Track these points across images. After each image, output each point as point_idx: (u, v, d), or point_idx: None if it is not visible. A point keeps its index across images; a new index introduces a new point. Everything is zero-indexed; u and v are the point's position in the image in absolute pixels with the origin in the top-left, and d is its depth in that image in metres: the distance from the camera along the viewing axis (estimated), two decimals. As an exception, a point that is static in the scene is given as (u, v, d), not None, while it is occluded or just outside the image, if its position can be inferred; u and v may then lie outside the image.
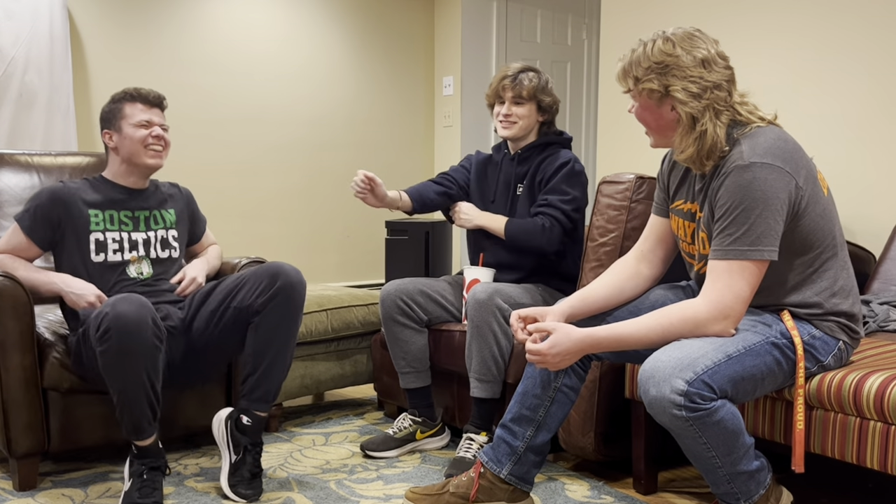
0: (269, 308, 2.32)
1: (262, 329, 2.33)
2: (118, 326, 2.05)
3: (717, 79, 1.81)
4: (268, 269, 2.37)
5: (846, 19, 3.16)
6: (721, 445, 1.75)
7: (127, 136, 2.47)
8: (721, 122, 1.82)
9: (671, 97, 1.82)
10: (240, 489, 2.27)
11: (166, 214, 2.60)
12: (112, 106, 2.51)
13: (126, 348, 2.06)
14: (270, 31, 4.84)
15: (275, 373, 2.35)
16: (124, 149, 2.48)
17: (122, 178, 2.54)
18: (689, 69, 1.80)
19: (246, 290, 2.36)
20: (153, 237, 2.53)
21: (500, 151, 2.84)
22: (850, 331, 1.93)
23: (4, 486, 2.37)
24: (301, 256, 5.03)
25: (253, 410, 2.33)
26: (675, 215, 2.03)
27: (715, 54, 1.83)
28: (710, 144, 1.82)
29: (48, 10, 4.00)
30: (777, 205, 1.77)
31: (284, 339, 2.35)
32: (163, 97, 2.56)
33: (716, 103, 1.81)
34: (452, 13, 5.32)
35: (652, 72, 1.82)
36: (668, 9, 3.87)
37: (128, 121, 2.47)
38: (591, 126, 5.72)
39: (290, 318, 2.35)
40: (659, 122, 1.89)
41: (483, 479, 2.10)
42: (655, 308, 1.98)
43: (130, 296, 2.14)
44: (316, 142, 5.06)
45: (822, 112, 3.24)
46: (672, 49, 1.81)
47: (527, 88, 2.67)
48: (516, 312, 2.00)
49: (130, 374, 2.08)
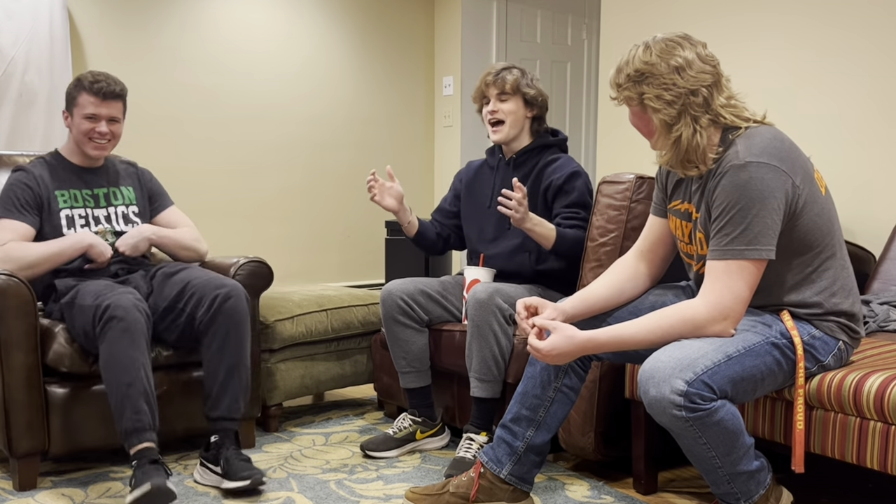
0: (213, 329, 2.40)
1: (211, 350, 2.41)
2: (118, 314, 2.20)
3: (691, 85, 1.82)
4: (211, 284, 2.44)
5: (846, 20, 3.17)
6: (721, 446, 1.75)
7: (75, 124, 2.61)
8: (700, 127, 1.83)
9: (645, 105, 1.85)
10: (241, 474, 2.26)
11: (125, 191, 2.74)
12: (71, 90, 2.61)
13: (129, 334, 2.19)
14: (270, 31, 4.84)
15: (230, 387, 2.39)
16: (73, 133, 2.64)
17: (75, 156, 2.68)
18: (664, 77, 1.82)
19: (193, 303, 2.43)
20: (113, 213, 2.65)
21: (495, 156, 2.83)
22: (851, 331, 1.93)
23: (4, 485, 2.37)
24: (301, 256, 5.03)
25: (218, 428, 2.38)
26: (673, 215, 2.04)
27: (694, 58, 1.83)
28: (687, 149, 1.84)
29: (48, 10, 4.00)
30: (774, 204, 1.77)
31: (235, 351, 2.40)
32: (118, 90, 2.61)
33: (691, 108, 1.83)
34: (452, 13, 5.32)
35: (630, 80, 1.86)
36: (667, 9, 3.87)
37: (79, 110, 2.59)
38: (591, 126, 5.72)
39: (235, 336, 2.40)
40: (648, 128, 1.91)
41: (483, 479, 2.10)
42: (655, 308, 1.98)
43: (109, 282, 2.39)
44: (316, 142, 5.06)
45: (821, 112, 3.24)
46: (649, 58, 1.84)
47: (510, 82, 2.66)
48: (521, 301, 2.01)
49: (132, 361, 2.18)
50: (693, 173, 1.89)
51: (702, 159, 1.85)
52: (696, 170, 1.87)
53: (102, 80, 2.58)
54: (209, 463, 2.39)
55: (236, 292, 2.42)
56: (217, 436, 2.38)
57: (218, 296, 2.40)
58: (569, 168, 2.65)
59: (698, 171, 1.87)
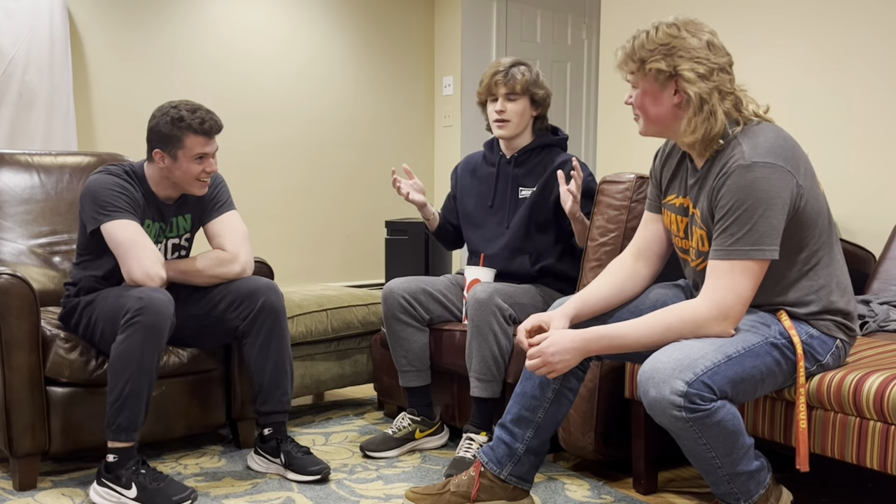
0: (255, 329, 2.43)
1: (255, 349, 2.45)
2: (150, 312, 2.18)
3: (721, 62, 1.82)
4: (244, 288, 2.44)
5: (851, 17, 3.16)
6: (721, 446, 1.75)
7: (181, 167, 2.38)
8: (725, 107, 1.82)
9: (679, 77, 1.81)
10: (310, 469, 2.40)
11: (182, 221, 2.55)
12: (172, 130, 2.34)
13: (151, 334, 2.18)
14: (270, 32, 4.84)
15: (280, 382, 2.47)
16: (174, 175, 2.40)
17: (161, 189, 2.46)
18: (696, 50, 1.81)
19: (224, 307, 2.43)
20: (163, 247, 2.53)
21: (495, 152, 2.81)
22: (847, 329, 1.93)
23: (4, 485, 2.37)
24: (301, 256, 5.04)
25: (271, 422, 2.48)
26: (668, 210, 2.03)
27: (717, 40, 1.85)
28: (718, 127, 1.81)
29: (48, 10, 4.00)
30: (779, 204, 1.77)
31: (278, 350, 2.46)
32: (220, 121, 2.41)
33: (722, 86, 1.82)
34: (452, 13, 5.32)
35: (658, 53, 1.82)
36: (667, 9, 3.87)
37: (186, 153, 2.36)
38: (591, 126, 5.72)
39: (277, 332, 2.46)
40: (658, 109, 1.87)
41: (483, 479, 2.10)
42: (656, 308, 1.98)
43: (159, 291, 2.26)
44: (316, 142, 5.06)
45: (823, 111, 3.24)
46: (677, 32, 1.82)
47: (520, 83, 2.65)
48: (522, 327, 2.00)
49: (148, 360, 2.19)
50: (705, 156, 1.87)
51: (717, 142, 1.84)
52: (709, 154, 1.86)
53: (205, 115, 2.36)
54: (266, 454, 2.49)
55: (272, 289, 2.45)
56: (270, 429, 2.47)
57: (255, 295, 2.42)
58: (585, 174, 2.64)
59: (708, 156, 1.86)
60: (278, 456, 2.45)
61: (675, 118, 1.87)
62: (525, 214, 2.68)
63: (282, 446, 2.45)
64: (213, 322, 2.47)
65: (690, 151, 1.92)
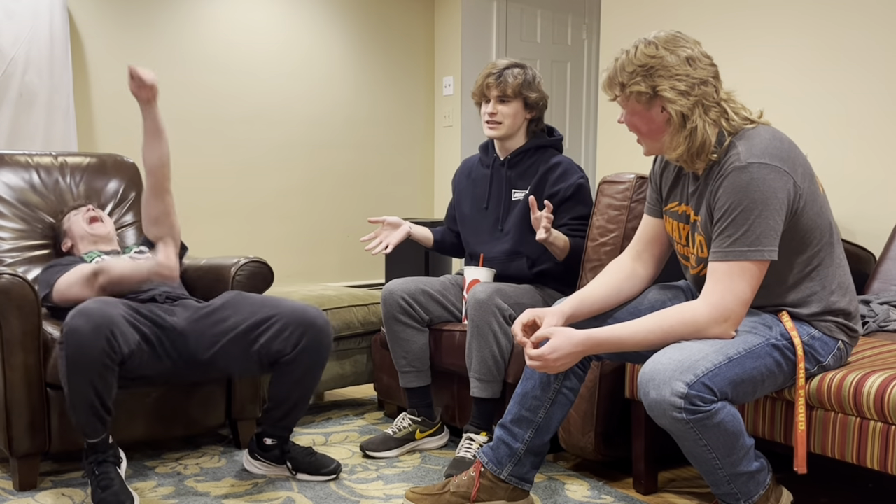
0: (300, 358, 2.36)
1: (291, 374, 2.38)
2: (70, 341, 2.08)
3: (703, 75, 1.82)
4: (296, 316, 2.35)
5: (849, 18, 3.17)
6: (721, 447, 1.75)
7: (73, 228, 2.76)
8: (710, 119, 1.83)
9: (660, 97, 1.83)
10: (323, 470, 2.43)
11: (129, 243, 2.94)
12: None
13: (74, 362, 2.08)
14: (270, 31, 4.83)
15: (299, 409, 2.45)
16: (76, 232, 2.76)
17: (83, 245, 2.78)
18: (675, 68, 1.81)
19: (271, 335, 2.34)
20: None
21: (489, 154, 2.80)
22: (849, 329, 1.93)
23: (4, 485, 2.37)
24: (301, 256, 5.03)
25: (276, 434, 2.46)
26: (670, 217, 2.03)
27: (698, 53, 1.84)
28: (701, 142, 1.82)
29: (48, 10, 4.00)
30: (776, 204, 1.77)
31: (311, 382, 2.43)
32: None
33: (704, 99, 1.82)
34: (452, 13, 5.32)
35: (637, 75, 1.83)
36: (667, 8, 3.87)
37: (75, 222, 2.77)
38: (591, 126, 5.72)
39: (318, 366, 2.42)
40: (650, 126, 1.89)
41: (484, 479, 2.10)
42: (654, 309, 1.98)
43: (94, 308, 2.12)
44: (316, 142, 5.06)
45: (822, 112, 3.24)
46: (655, 51, 1.82)
47: (511, 86, 2.63)
48: (518, 321, 2.00)
49: (77, 385, 2.10)
50: (700, 167, 1.88)
51: (709, 153, 1.84)
52: (703, 164, 1.86)
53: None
54: (269, 460, 2.48)
55: (326, 327, 2.38)
56: (274, 440, 2.46)
57: (307, 330, 2.35)
58: (574, 177, 2.64)
59: (704, 166, 1.87)
60: (283, 463, 2.45)
61: (666, 133, 1.88)
62: (519, 217, 2.68)
63: (287, 454, 2.45)
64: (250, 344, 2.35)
65: (681, 164, 1.93)
